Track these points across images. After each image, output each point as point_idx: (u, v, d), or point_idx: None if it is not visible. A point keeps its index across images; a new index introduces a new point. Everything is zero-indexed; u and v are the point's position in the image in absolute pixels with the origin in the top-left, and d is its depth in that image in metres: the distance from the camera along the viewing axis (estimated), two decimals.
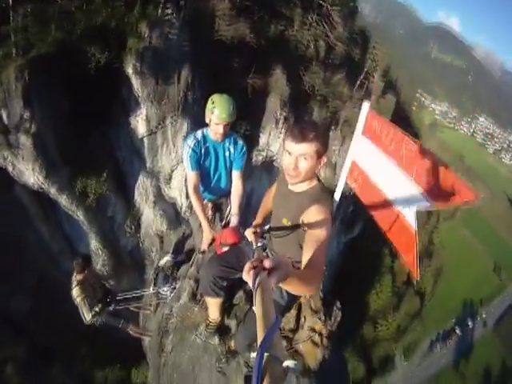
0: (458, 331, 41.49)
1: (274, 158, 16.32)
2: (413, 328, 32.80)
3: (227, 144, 4.06)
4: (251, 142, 11.93)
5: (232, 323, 3.86)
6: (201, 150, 3.98)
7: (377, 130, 2.72)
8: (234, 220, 4.13)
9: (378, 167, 2.78)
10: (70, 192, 10.30)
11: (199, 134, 3.94)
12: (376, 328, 28.34)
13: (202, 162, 4.10)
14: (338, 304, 3.89)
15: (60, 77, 9.00)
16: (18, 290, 13.66)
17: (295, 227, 2.35)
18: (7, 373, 13.42)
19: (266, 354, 1.22)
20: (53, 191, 10.28)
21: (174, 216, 11.83)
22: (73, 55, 9.07)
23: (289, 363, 1.22)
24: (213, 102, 3.73)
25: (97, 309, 6.05)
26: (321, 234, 2.04)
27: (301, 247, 2.12)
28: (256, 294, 1.61)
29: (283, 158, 2.20)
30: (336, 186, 2.91)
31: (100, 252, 12.17)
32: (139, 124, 9.83)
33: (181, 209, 11.66)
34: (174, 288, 5.10)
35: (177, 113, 9.71)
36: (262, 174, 17.71)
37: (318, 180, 2.34)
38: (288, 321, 3.99)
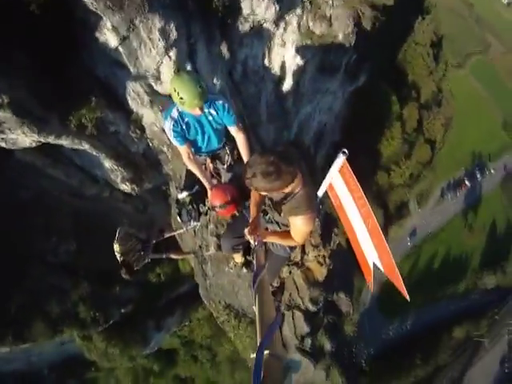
0: (467, 182, 42.81)
1: (262, 21, 15.28)
2: (424, 176, 33.89)
3: (207, 110, 3.88)
4: (233, 12, 10.91)
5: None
6: (181, 126, 3.90)
7: (348, 178, 3.19)
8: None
9: (347, 202, 3.30)
10: (67, 133, 10.06)
11: (174, 113, 3.85)
12: (389, 175, 29.23)
13: (187, 135, 4.03)
14: (336, 230, 4.63)
15: (5, 35, 8.05)
16: (60, 241, 14.22)
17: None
18: (80, 307, 14.91)
19: (266, 353, 1.26)
20: (51, 139, 10.09)
21: None
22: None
23: (288, 362, 1.80)
24: (175, 90, 3.43)
25: (134, 266, 6.43)
26: (303, 231, 2.86)
27: None
28: (256, 294, 1.73)
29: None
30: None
31: (115, 167, 11.95)
32: (108, 36, 8.92)
33: None
34: (201, 219, 5.68)
35: (144, 9, 8.81)
36: (252, 40, 16.76)
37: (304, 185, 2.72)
38: (295, 256, 4.69)
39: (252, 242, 2.85)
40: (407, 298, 3.19)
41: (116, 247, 6.44)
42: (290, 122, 17.40)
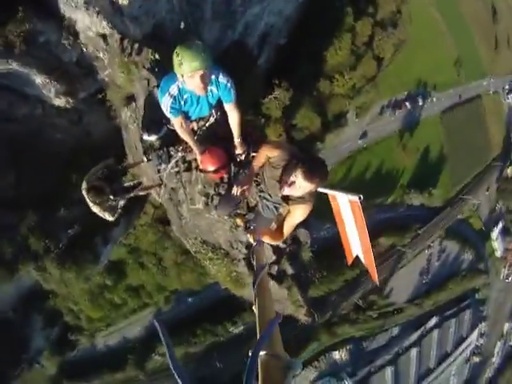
0: (407, 104, 44.56)
1: None
2: (367, 90, 34.68)
3: (209, 87, 3.81)
4: None
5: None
6: (180, 102, 3.90)
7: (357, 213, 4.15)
8: (238, 148, 4.57)
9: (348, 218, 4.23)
10: None
11: (174, 89, 3.76)
12: (332, 83, 29.46)
13: (183, 108, 4.07)
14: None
15: None
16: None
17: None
18: (30, 239, 14.02)
19: (265, 353, 1.18)
20: None
21: (111, 10, 9.68)
22: None
23: (288, 362, 1.16)
24: (178, 55, 3.41)
25: (114, 212, 5.69)
26: (296, 221, 3.65)
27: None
28: (256, 294, 1.66)
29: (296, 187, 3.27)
30: None
31: (47, 81, 10.73)
32: None
33: (121, 2, 9.46)
34: (171, 163, 5.63)
35: None
36: None
37: None
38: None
39: (251, 240, 3.19)
40: (377, 283, 4.54)
41: (85, 195, 6.79)
42: (236, 21, 16.46)
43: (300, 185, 3.12)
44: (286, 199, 3.60)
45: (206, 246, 7.21)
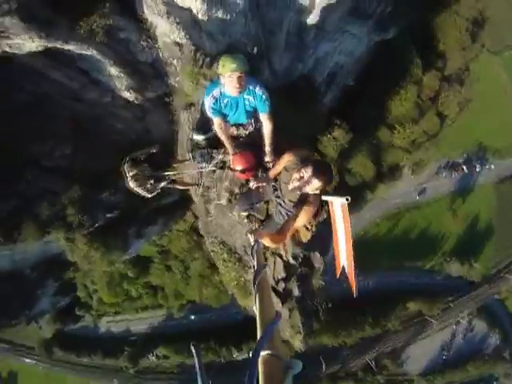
0: (465, 167, 42.52)
1: None
2: (426, 147, 33.65)
3: (245, 96, 4.53)
4: None
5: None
6: (220, 104, 4.60)
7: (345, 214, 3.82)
8: (267, 156, 5.03)
9: (339, 222, 4.07)
10: (76, 38, 9.36)
11: (217, 92, 4.48)
12: (392, 134, 28.88)
13: (223, 110, 4.70)
14: (326, 208, 4.90)
15: None
16: (56, 145, 14.14)
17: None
18: (68, 210, 15.16)
19: (265, 353, 1.19)
20: (59, 44, 9.30)
21: (191, 22, 10.66)
22: None
23: (288, 363, 1.19)
24: (222, 59, 4.13)
25: (152, 187, 7.17)
26: (299, 223, 3.96)
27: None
28: (256, 294, 1.68)
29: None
30: None
31: (121, 74, 11.80)
32: None
33: (198, 13, 10.42)
34: (212, 163, 6.30)
35: None
36: None
37: None
38: None
39: (251, 240, 3.32)
40: (354, 294, 4.54)
41: (127, 169, 7.38)
42: (307, 55, 16.85)
43: (309, 180, 3.61)
44: (296, 206, 4.05)
45: (223, 247, 7.65)
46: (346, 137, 23.79)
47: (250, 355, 1.17)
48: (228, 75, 4.19)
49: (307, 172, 3.56)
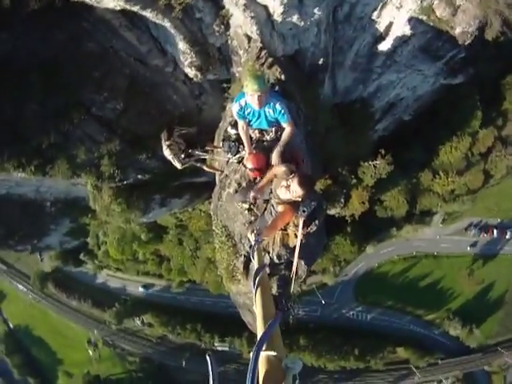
0: (495, 232, 40.77)
1: None
2: (463, 200, 32.64)
3: (266, 109, 5.19)
4: None
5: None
6: (244, 112, 5.32)
7: None
8: (276, 149, 5.26)
9: None
10: (154, 7, 9.83)
11: (243, 101, 5.17)
12: (434, 179, 28.32)
13: (246, 116, 5.40)
14: (316, 221, 5.25)
15: None
16: (110, 97, 14.79)
17: None
18: (104, 160, 15.87)
19: (265, 353, 1.20)
20: (136, 9, 9.84)
21: (265, 20, 10.86)
22: None
23: (288, 362, 1.17)
24: (246, 79, 4.78)
25: (185, 163, 7.85)
26: (282, 221, 4.90)
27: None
28: (256, 293, 1.70)
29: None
30: None
31: (188, 51, 12.29)
32: None
33: (273, 13, 10.59)
34: (236, 156, 6.92)
35: None
36: None
37: None
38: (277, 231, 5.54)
39: (251, 239, 3.65)
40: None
41: (164, 138, 7.93)
42: (370, 80, 17.08)
43: (293, 188, 4.27)
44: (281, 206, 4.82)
45: (224, 231, 8.26)
46: (386, 168, 23.59)
47: (251, 354, 1.17)
48: (250, 94, 4.82)
49: (293, 182, 4.24)
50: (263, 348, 1.22)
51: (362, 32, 13.80)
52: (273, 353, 1.22)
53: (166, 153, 7.86)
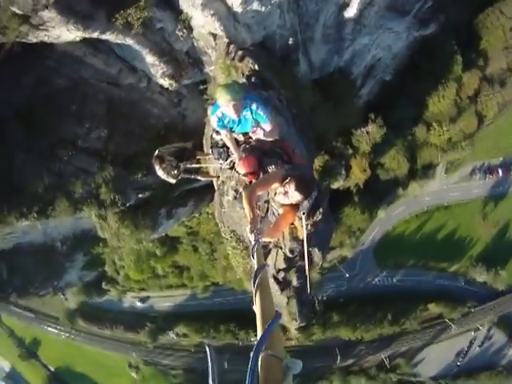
0: (500, 171, 40.40)
1: None
2: (462, 147, 32.42)
3: (245, 112, 5.13)
4: None
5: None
6: (223, 121, 5.32)
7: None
8: (267, 159, 5.23)
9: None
10: (113, 29, 9.69)
11: (219, 112, 5.13)
12: (428, 131, 28.11)
13: (227, 125, 5.39)
14: (320, 209, 5.54)
15: None
16: (92, 127, 14.85)
17: None
18: (102, 189, 15.89)
19: (265, 352, 1.19)
20: (96, 35, 9.72)
21: (225, 14, 10.71)
22: None
23: (288, 362, 1.17)
24: (217, 91, 4.81)
25: (178, 177, 7.80)
26: (286, 222, 4.72)
27: None
28: (256, 293, 1.69)
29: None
30: None
31: (157, 62, 12.22)
32: None
33: (233, 5, 10.43)
34: (228, 161, 6.72)
35: None
36: None
37: None
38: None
39: (252, 239, 3.45)
40: None
41: (156, 162, 7.92)
42: (344, 48, 16.86)
43: (291, 194, 4.16)
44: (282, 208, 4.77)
45: (233, 236, 8.38)
46: (379, 131, 23.51)
47: (251, 355, 1.17)
48: (225, 104, 4.81)
49: (290, 187, 4.13)
50: (263, 348, 1.22)
51: (324, 3, 13.60)
52: (273, 353, 1.22)
53: (160, 173, 7.92)
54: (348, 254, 37.68)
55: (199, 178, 8.84)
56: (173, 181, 7.92)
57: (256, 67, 9.36)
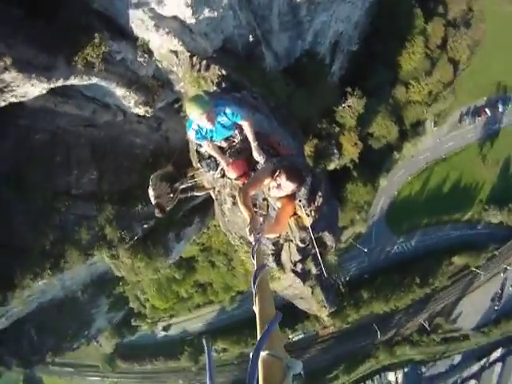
0: (487, 111, 40.35)
1: None
2: (444, 96, 32.40)
3: (219, 119, 5.11)
4: None
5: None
6: (201, 133, 5.25)
7: None
8: (254, 153, 5.33)
9: None
10: (75, 73, 9.74)
11: (195, 125, 5.12)
12: (408, 90, 28.20)
13: (205, 136, 5.34)
14: (319, 193, 5.55)
15: None
16: (81, 172, 14.82)
17: None
18: (107, 229, 15.92)
19: (265, 353, 1.18)
20: (61, 83, 9.80)
21: (180, 29, 10.75)
22: None
23: (288, 362, 1.17)
24: (187, 108, 4.74)
25: (175, 200, 7.95)
26: (287, 213, 4.72)
27: None
28: (256, 293, 1.69)
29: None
30: None
31: (127, 93, 12.16)
32: None
33: (185, 18, 10.47)
34: (218, 170, 6.78)
35: None
36: None
37: None
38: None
39: (252, 240, 3.44)
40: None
41: (150, 193, 7.91)
42: (304, 30, 16.78)
43: (284, 185, 4.16)
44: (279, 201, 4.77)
45: (243, 241, 8.34)
46: (360, 102, 23.52)
47: (250, 355, 1.17)
48: (197, 118, 4.78)
49: (281, 178, 4.13)
50: (263, 348, 1.22)
51: None
52: (273, 353, 1.22)
53: (154, 202, 7.96)
54: (361, 229, 37.69)
55: (196, 194, 8.87)
56: (170, 206, 7.97)
57: (223, 72, 9.38)
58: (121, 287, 25.77)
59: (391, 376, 43.15)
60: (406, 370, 43.20)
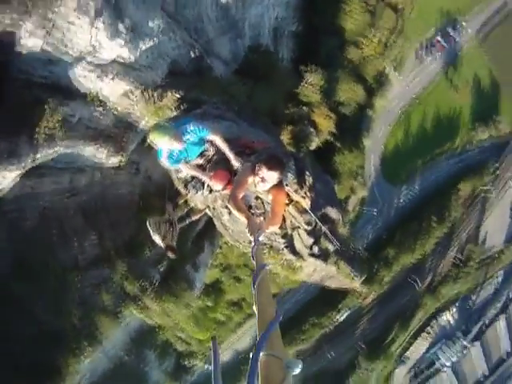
0: (441, 40, 40.70)
1: None
2: (395, 42, 32.73)
3: (186, 137, 5.13)
4: None
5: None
6: (173, 157, 5.22)
7: None
8: (232, 161, 5.38)
9: None
10: (40, 149, 9.89)
11: (165, 153, 5.10)
12: (359, 47, 28.42)
13: (179, 159, 5.32)
14: (307, 172, 5.58)
15: None
16: (80, 238, 14.53)
17: None
18: (125, 285, 15.82)
19: (265, 353, 1.18)
20: (29, 163, 9.90)
21: (124, 68, 10.72)
22: None
23: (288, 362, 1.17)
24: (151, 138, 4.90)
25: (176, 236, 7.92)
26: (280, 203, 4.67)
27: None
28: (256, 294, 1.73)
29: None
30: None
31: (96, 148, 12.15)
32: (30, 41, 8.56)
33: (125, 58, 10.45)
34: (205, 187, 6.72)
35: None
36: None
37: None
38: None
39: (252, 240, 3.44)
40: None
41: (156, 238, 7.78)
42: (241, 28, 16.87)
43: (267, 177, 4.12)
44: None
45: None
46: (317, 76, 23.65)
47: (250, 355, 1.18)
48: (168, 145, 4.86)
49: (262, 171, 4.06)
50: (263, 348, 1.22)
51: (199, 3, 13.65)
52: (273, 353, 1.22)
53: (160, 243, 7.90)
54: (363, 193, 37.86)
55: (193, 218, 8.82)
56: (175, 242, 7.90)
57: (178, 95, 9.38)
58: (161, 335, 25.55)
59: (446, 316, 43.39)
60: (456, 306, 43.47)
